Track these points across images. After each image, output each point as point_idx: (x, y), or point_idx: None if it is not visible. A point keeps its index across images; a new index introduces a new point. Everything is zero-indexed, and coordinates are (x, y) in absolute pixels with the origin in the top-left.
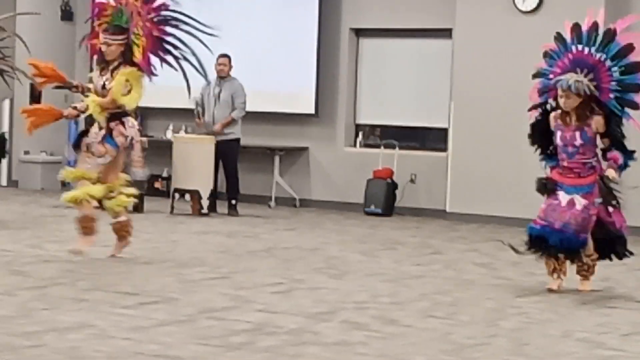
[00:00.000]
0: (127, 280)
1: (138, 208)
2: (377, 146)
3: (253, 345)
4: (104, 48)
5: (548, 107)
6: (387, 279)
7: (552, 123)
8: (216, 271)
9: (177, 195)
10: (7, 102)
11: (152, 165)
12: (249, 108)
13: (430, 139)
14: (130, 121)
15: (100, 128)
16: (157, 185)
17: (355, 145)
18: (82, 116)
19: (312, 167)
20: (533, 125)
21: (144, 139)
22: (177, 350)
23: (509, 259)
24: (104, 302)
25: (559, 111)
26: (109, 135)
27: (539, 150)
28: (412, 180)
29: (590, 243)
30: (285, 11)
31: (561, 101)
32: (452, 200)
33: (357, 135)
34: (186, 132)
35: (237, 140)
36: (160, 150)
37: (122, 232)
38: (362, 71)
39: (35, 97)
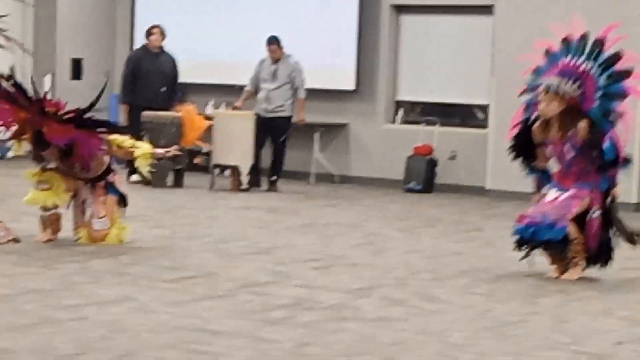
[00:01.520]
0: (167, 254)
1: (178, 183)
2: (418, 123)
3: (292, 320)
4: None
5: (531, 119)
6: (426, 255)
7: (538, 137)
8: (256, 246)
9: (217, 171)
10: (49, 77)
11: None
12: None
13: (471, 115)
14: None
15: (92, 184)
16: (196, 160)
17: (395, 122)
18: None
19: (352, 144)
20: (515, 137)
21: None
22: (216, 325)
23: None
24: (145, 276)
25: (540, 120)
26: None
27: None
28: (452, 157)
29: (571, 229)
30: None
31: (542, 107)
32: (492, 177)
33: (397, 112)
34: (228, 107)
35: (289, 118)
36: None
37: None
38: (403, 47)
39: (76, 73)
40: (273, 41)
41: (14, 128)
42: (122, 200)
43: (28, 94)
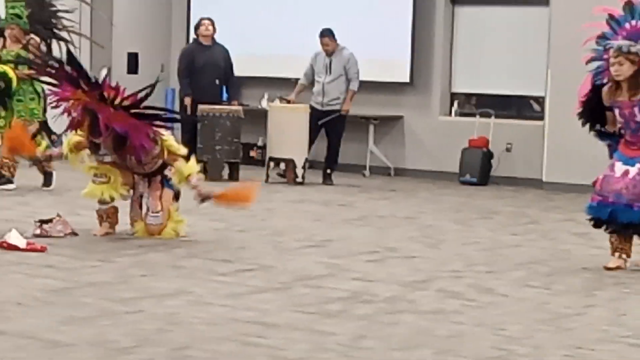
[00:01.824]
0: (223, 247)
1: (233, 176)
2: (473, 115)
3: (348, 313)
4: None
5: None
6: (482, 248)
7: (607, 99)
8: (311, 239)
9: (272, 164)
10: (105, 71)
11: (247, 134)
12: None
13: (527, 107)
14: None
15: (149, 179)
16: (252, 153)
17: (450, 114)
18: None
19: (407, 136)
20: (584, 102)
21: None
22: (273, 317)
23: None
24: (201, 269)
25: (610, 84)
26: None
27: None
28: (508, 149)
29: None
30: None
31: (613, 69)
32: (548, 169)
33: (452, 104)
34: (281, 101)
35: (346, 112)
36: (256, 119)
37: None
38: (458, 39)
39: (132, 67)
40: (325, 34)
41: (74, 115)
42: (177, 195)
43: (90, 77)
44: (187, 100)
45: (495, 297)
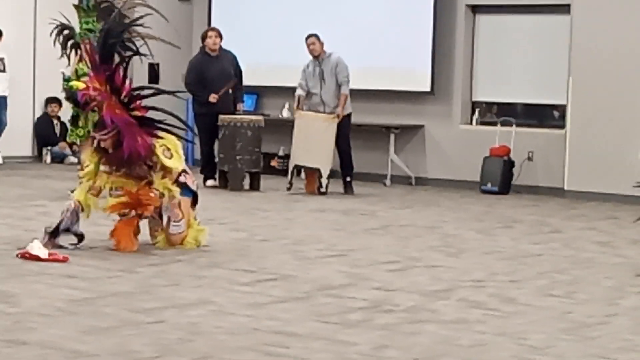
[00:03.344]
0: (244, 257)
1: (254, 186)
2: (494, 123)
3: (370, 323)
4: (102, 144)
5: None
6: (504, 257)
7: None
8: (333, 249)
9: (295, 172)
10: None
11: (268, 144)
12: (364, 86)
13: (548, 115)
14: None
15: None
16: (273, 163)
17: (471, 123)
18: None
19: (428, 145)
20: None
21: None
22: (294, 327)
23: (628, 237)
24: (223, 279)
25: None
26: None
27: None
28: (529, 158)
29: None
30: None
31: None
32: (570, 178)
33: (473, 113)
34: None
35: (348, 115)
36: (277, 129)
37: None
38: (479, 48)
39: (153, 77)
40: (311, 35)
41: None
42: (195, 200)
43: (112, 56)
44: (214, 96)
45: (517, 306)
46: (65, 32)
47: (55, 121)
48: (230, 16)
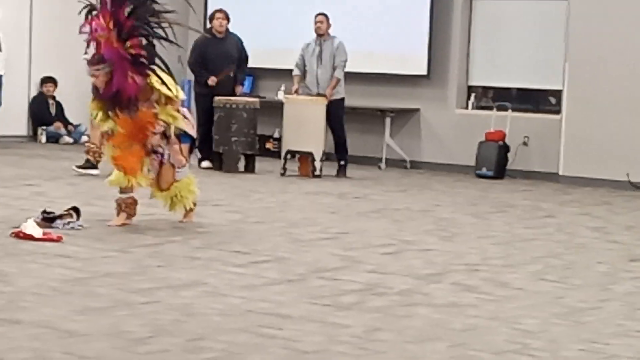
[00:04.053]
0: (238, 239)
1: (249, 168)
2: (490, 108)
3: (363, 305)
4: (93, 80)
5: None
6: (498, 241)
7: None
8: (327, 231)
9: (288, 157)
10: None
11: (263, 126)
12: (360, 69)
13: (544, 101)
14: (185, 110)
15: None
16: (268, 145)
17: (467, 107)
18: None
19: (423, 129)
20: None
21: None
22: (287, 309)
23: (622, 223)
24: (217, 260)
25: None
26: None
27: None
28: (524, 143)
29: None
30: None
31: None
32: (565, 163)
33: (469, 97)
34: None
35: (342, 99)
36: (272, 111)
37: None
38: (475, 32)
39: None
40: (321, 13)
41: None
42: (192, 145)
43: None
44: (213, 79)
45: (510, 290)
46: (94, 12)
47: (50, 101)
48: None
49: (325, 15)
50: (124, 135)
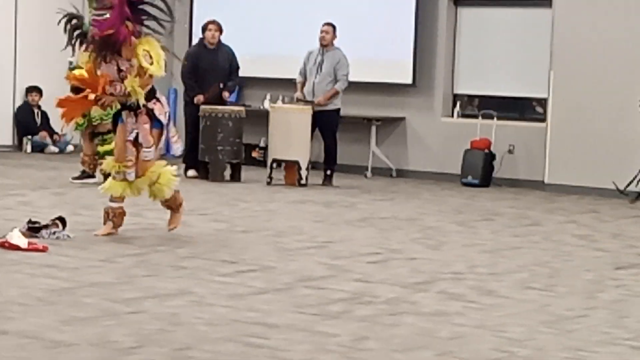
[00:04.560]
0: (225, 248)
1: (235, 177)
2: (475, 116)
3: (350, 314)
4: (94, 27)
5: None
6: (484, 249)
7: None
8: (313, 240)
9: (274, 165)
10: None
11: (249, 135)
12: None
13: (529, 109)
14: (162, 97)
15: (135, 113)
16: (254, 154)
17: (452, 116)
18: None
19: (409, 137)
20: None
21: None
22: (274, 318)
23: (608, 231)
24: (203, 269)
25: None
26: (154, 120)
27: None
28: (510, 151)
29: None
30: None
31: None
32: (550, 171)
33: (454, 105)
34: (283, 102)
35: (337, 110)
36: (258, 120)
37: (172, 204)
38: (461, 40)
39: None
40: (328, 23)
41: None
42: (162, 130)
43: None
44: (200, 98)
45: (496, 299)
46: (74, 21)
47: (36, 110)
48: (213, 7)
49: (332, 25)
50: (83, 79)
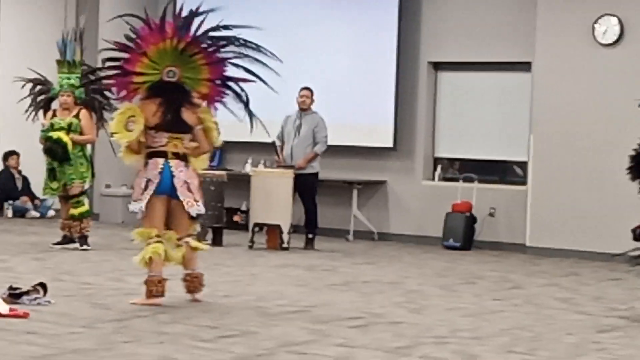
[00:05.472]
0: (206, 313)
1: (217, 241)
2: (456, 179)
3: None
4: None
5: None
6: (467, 313)
7: None
8: (295, 305)
9: (256, 229)
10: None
11: (231, 199)
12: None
13: (510, 172)
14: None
15: (186, 165)
16: (235, 218)
17: (433, 179)
18: None
19: (391, 201)
20: (633, 157)
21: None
22: None
23: (590, 294)
24: (184, 335)
25: None
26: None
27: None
28: (491, 214)
29: None
30: (363, 44)
31: None
32: (532, 234)
33: (435, 169)
34: (265, 166)
35: (316, 174)
36: (239, 184)
37: (193, 285)
38: (441, 104)
39: None
40: (307, 88)
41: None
42: None
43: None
44: None
45: None
46: (39, 87)
47: (16, 175)
48: None
49: (310, 90)
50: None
